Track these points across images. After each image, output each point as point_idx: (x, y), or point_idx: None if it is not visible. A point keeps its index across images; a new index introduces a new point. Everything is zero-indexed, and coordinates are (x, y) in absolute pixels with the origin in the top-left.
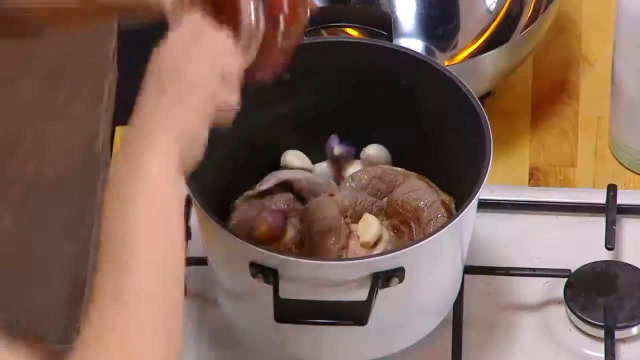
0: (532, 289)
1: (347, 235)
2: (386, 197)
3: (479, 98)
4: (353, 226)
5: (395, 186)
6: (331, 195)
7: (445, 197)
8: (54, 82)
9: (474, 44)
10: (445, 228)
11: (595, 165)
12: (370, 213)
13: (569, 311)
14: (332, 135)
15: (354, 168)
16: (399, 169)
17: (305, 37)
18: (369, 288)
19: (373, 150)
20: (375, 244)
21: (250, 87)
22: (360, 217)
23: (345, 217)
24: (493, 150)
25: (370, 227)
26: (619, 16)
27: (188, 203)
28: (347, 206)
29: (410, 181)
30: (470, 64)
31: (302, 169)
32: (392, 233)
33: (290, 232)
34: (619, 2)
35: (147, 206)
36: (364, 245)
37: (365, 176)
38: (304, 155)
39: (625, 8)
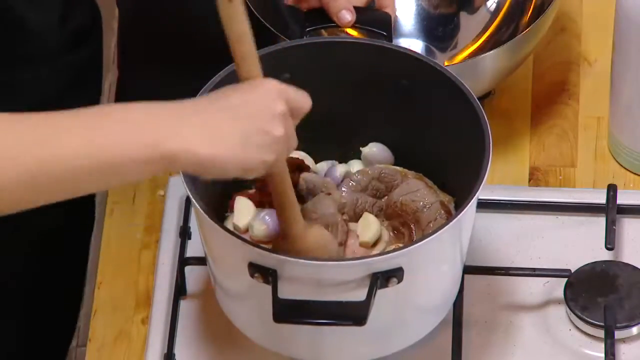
0: (532, 289)
1: (345, 232)
2: (385, 197)
3: (479, 98)
4: (352, 225)
5: (393, 186)
6: (328, 193)
7: (445, 197)
8: None
9: (474, 44)
10: (444, 228)
11: (595, 165)
12: (371, 213)
13: (569, 311)
14: (331, 167)
15: (354, 168)
16: (398, 168)
17: (305, 37)
18: (367, 288)
19: (373, 149)
20: (375, 244)
21: None
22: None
23: (343, 214)
24: (493, 150)
25: (369, 226)
26: (618, 16)
27: (188, 203)
28: (344, 203)
29: (408, 182)
30: (470, 64)
31: None
32: (391, 234)
33: None
34: (619, 2)
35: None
36: (363, 245)
37: (365, 177)
38: (307, 155)
39: (624, 8)
